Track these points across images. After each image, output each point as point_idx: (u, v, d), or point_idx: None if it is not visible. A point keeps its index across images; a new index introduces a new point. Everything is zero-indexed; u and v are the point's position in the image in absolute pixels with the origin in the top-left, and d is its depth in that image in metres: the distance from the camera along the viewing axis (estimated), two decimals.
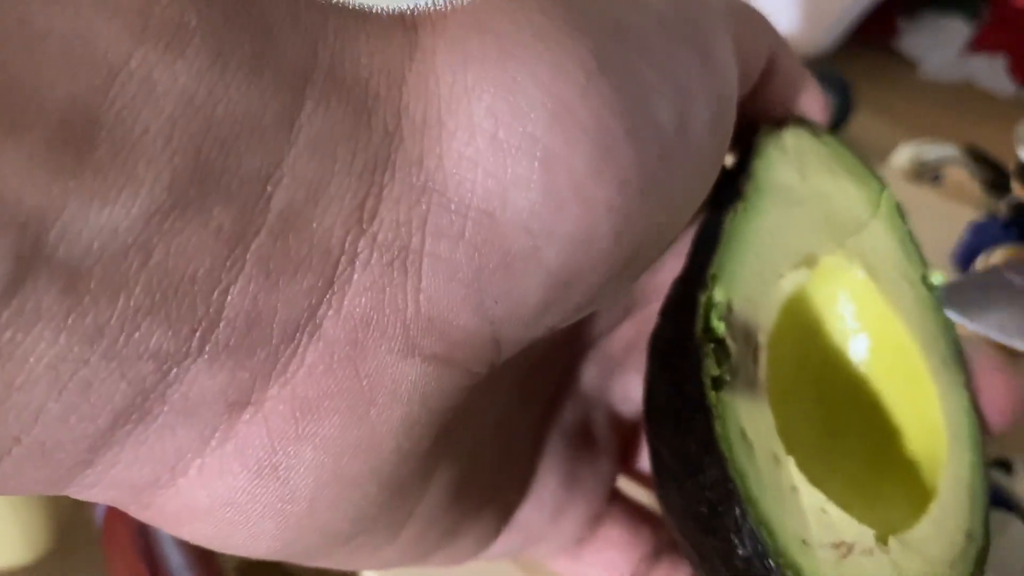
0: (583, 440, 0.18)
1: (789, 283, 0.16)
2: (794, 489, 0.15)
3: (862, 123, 0.63)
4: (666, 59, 0.13)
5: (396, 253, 0.11)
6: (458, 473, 0.15)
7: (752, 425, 0.15)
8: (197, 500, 0.12)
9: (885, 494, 0.17)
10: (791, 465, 0.15)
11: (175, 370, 0.11)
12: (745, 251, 0.16)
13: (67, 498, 0.36)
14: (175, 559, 0.31)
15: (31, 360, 0.10)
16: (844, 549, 0.15)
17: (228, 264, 0.11)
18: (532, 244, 0.12)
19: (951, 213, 0.46)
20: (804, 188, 0.17)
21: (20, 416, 0.10)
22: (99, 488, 0.11)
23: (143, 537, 0.32)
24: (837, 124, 0.60)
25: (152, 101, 0.10)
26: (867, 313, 0.17)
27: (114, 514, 0.33)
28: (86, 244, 0.10)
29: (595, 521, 0.18)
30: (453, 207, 0.12)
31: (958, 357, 0.17)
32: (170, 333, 0.10)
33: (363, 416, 0.12)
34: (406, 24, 0.12)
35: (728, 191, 0.17)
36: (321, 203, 0.11)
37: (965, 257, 0.42)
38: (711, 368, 0.15)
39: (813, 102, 0.18)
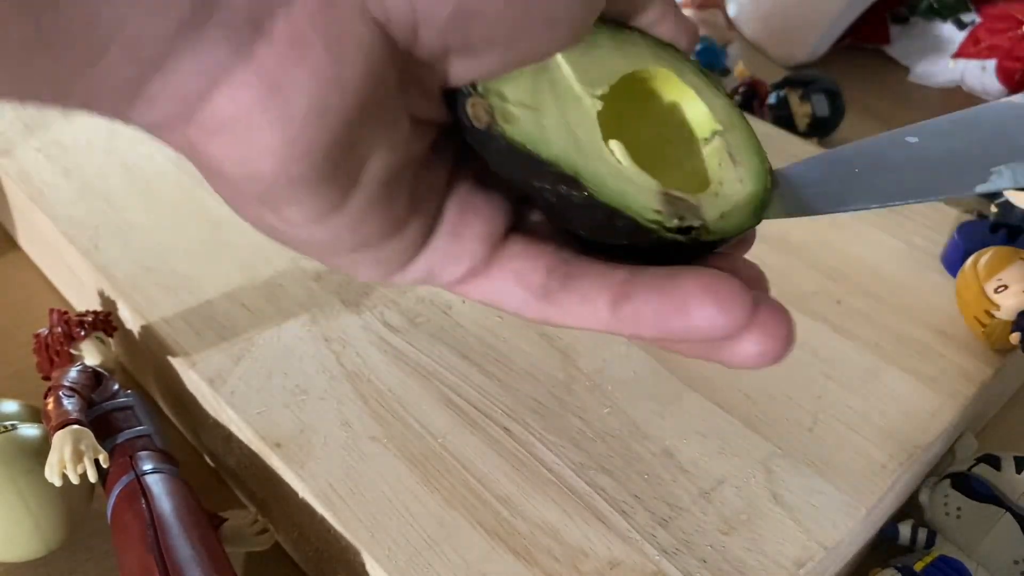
0: (478, 180, 0.22)
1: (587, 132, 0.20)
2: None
3: (853, 126, 0.63)
4: None
5: None
6: (384, 170, 0.19)
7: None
8: (224, 109, 0.16)
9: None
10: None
11: None
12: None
13: (78, 493, 0.36)
14: (184, 551, 0.31)
15: None
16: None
17: None
18: None
19: (941, 215, 0.47)
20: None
21: (112, 20, 0.14)
22: (161, 100, 0.16)
23: (152, 530, 0.32)
24: (829, 127, 0.61)
25: None
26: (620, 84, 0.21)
27: (123, 507, 0.33)
28: None
29: (497, 243, 0.21)
30: None
31: (697, 67, 0.22)
32: None
33: (337, 56, 0.16)
34: None
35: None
36: None
37: (955, 258, 0.43)
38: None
39: None
